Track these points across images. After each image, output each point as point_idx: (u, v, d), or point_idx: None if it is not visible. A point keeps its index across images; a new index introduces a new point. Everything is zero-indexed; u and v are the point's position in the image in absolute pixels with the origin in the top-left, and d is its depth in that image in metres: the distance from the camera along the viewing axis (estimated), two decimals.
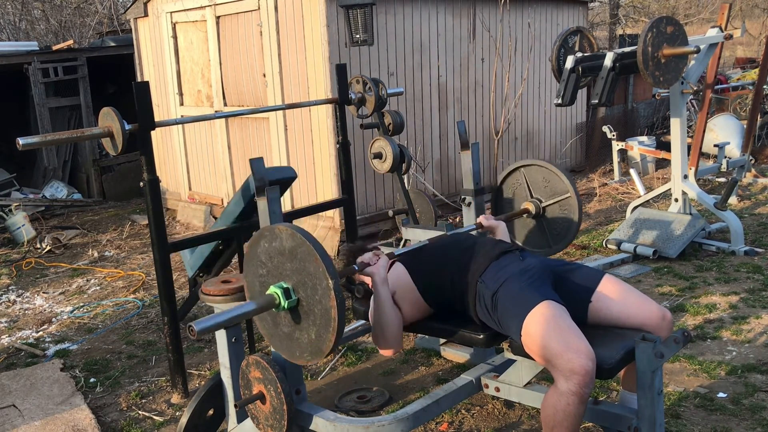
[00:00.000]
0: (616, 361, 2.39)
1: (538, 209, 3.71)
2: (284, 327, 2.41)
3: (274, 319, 2.44)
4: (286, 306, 2.31)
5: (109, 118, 3.28)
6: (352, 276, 3.07)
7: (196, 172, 7.71)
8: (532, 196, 3.75)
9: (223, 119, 6.97)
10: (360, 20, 5.04)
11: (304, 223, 6.13)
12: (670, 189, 5.59)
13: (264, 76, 6.45)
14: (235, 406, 2.80)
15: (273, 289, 2.33)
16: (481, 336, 2.71)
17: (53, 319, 5.08)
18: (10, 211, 7.55)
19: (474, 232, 3.43)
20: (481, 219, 3.40)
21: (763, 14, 17.98)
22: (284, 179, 3.73)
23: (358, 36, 5.06)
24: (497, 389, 2.80)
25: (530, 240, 3.82)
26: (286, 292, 2.32)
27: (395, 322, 2.74)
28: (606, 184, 8.02)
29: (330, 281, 2.18)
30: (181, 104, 7.56)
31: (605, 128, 8.16)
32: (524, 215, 3.75)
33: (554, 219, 3.71)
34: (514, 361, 2.70)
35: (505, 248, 2.80)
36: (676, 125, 5.37)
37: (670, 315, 2.58)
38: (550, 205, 3.69)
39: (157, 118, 3.48)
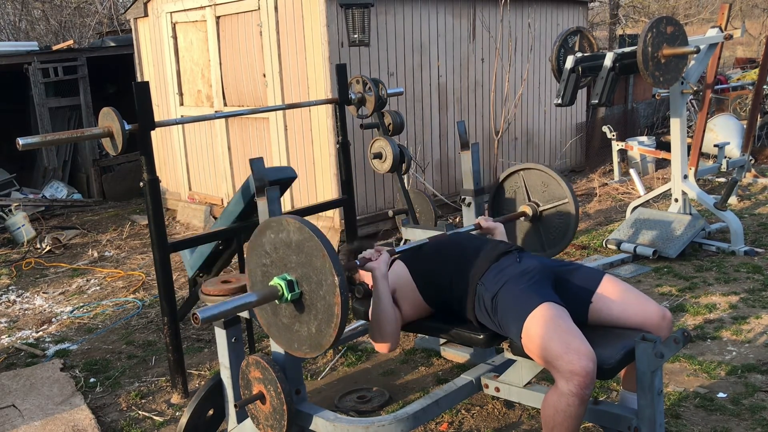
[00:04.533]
0: (616, 362, 2.39)
1: (535, 213, 3.73)
2: (284, 318, 2.42)
3: (275, 309, 2.44)
4: (289, 298, 2.32)
5: (109, 118, 3.28)
6: (353, 276, 3.07)
7: (196, 172, 7.71)
8: (529, 200, 3.77)
9: (223, 119, 6.97)
10: (357, 20, 5.05)
11: None
12: (670, 189, 5.59)
13: (264, 76, 6.45)
14: (235, 406, 2.80)
15: (277, 281, 2.33)
16: (481, 336, 2.71)
17: (53, 319, 5.08)
18: (10, 211, 7.55)
19: (473, 233, 3.44)
20: (480, 220, 3.41)
21: (763, 14, 17.99)
22: (284, 179, 3.73)
23: (355, 36, 5.07)
24: (497, 389, 2.80)
25: (526, 243, 3.84)
26: (290, 285, 2.32)
27: (393, 318, 2.74)
28: (606, 184, 8.02)
29: (336, 278, 2.18)
30: (181, 104, 7.56)
31: (605, 128, 8.16)
32: (521, 218, 3.77)
33: (551, 223, 3.72)
34: (514, 361, 2.70)
35: (505, 250, 2.80)
36: (676, 125, 5.37)
37: (669, 314, 2.58)
38: (547, 209, 3.70)
39: (157, 118, 3.48)
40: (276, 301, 2.35)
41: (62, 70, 8.96)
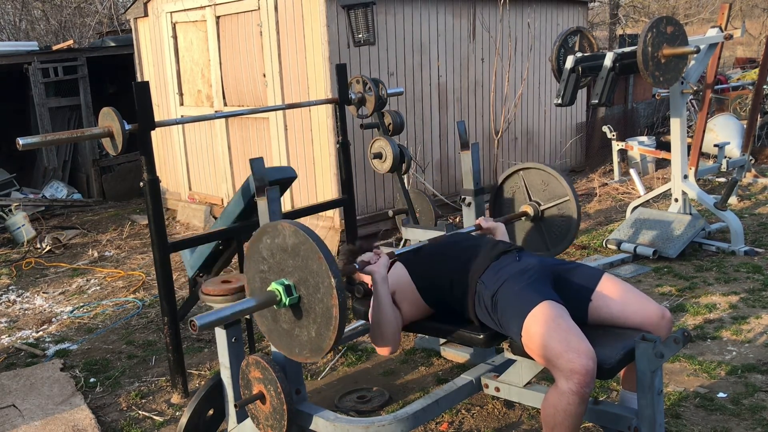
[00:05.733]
0: (616, 361, 2.39)
1: (536, 212, 3.72)
2: (284, 324, 2.41)
3: (274, 315, 2.44)
4: (287, 303, 2.31)
5: (109, 118, 3.28)
6: (352, 275, 3.07)
7: (196, 172, 7.71)
8: (530, 199, 3.76)
9: (223, 119, 6.97)
10: (361, 20, 5.04)
11: (304, 222, 6.12)
12: (670, 189, 5.59)
13: (264, 76, 6.45)
14: (235, 406, 2.80)
15: (274, 286, 2.33)
16: (481, 336, 2.71)
17: (53, 319, 5.08)
18: (10, 211, 7.55)
19: (473, 233, 3.44)
20: (481, 221, 3.41)
21: (763, 14, 17.98)
22: (284, 179, 3.73)
23: (360, 36, 5.06)
24: (497, 389, 2.80)
25: (529, 243, 3.83)
26: (288, 289, 2.32)
27: (393, 321, 2.74)
28: (606, 184, 8.02)
29: (333, 280, 2.18)
30: (181, 104, 7.56)
31: (605, 128, 8.16)
32: (523, 218, 3.76)
33: (553, 222, 3.71)
34: (514, 361, 2.70)
35: (504, 249, 2.80)
36: (676, 125, 5.37)
37: (669, 314, 2.58)
38: (548, 208, 3.70)
39: (157, 118, 3.48)
40: (275, 306, 2.34)
41: (62, 70, 8.96)
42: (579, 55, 5.06)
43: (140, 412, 3.59)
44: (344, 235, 5.15)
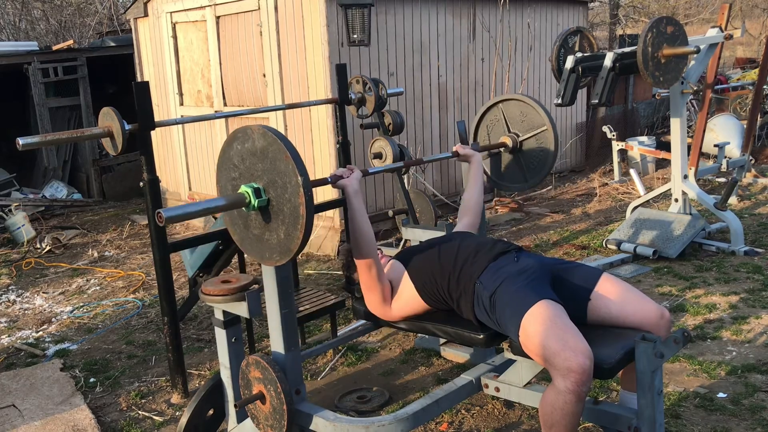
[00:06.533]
0: (616, 361, 2.39)
1: (515, 143, 3.76)
2: (254, 229, 2.46)
3: (245, 221, 2.48)
4: (256, 205, 2.35)
5: (109, 118, 3.28)
6: (352, 276, 3.08)
7: (196, 172, 7.71)
8: (509, 131, 3.79)
9: (223, 119, 6.97)
10: (358, 20, 5.05)
11: None
12: (670, 189, 5.59)
13: (264, 76, 6.46)
14: (235, 406, 2.80)
15: (244, 188, 2.37)
16: (481, 336, 2.71)
17: (53, 319, 5.08)
18: (10, 211, 7.55)
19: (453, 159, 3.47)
20: (458, 147, 3.43)
21: (763, 14, 17.98)
22: None
23: (355, 36, 5.07)
24: (497, 389, 2.80)
25: (507, 174, 3.87)
26: (257, 192, 2.36)
27: (369, 232, 2.80)
28: (606, 184, 8.02)
29: (299, 178, 2.20)
30: (181, 104, 7.56)
31: (605, 128, 8.16)
32: (501, 149, 3.80)
33: (531, 153, 3.75)
34: (514, 361, 2.70)
35: (503, 249, 2.80)
36: (676, 125, 5.37)
37: (668, 314, 2.58)
38: (527, 139, 3.72)
39: (157, 118, 3.48)
40: (244, 209, 2.38)
41: (62, 70, 8.97)
42: (579, 55, 5.06)
43: (140, 412, 3.59)
44: (344, 235, 5.15)
